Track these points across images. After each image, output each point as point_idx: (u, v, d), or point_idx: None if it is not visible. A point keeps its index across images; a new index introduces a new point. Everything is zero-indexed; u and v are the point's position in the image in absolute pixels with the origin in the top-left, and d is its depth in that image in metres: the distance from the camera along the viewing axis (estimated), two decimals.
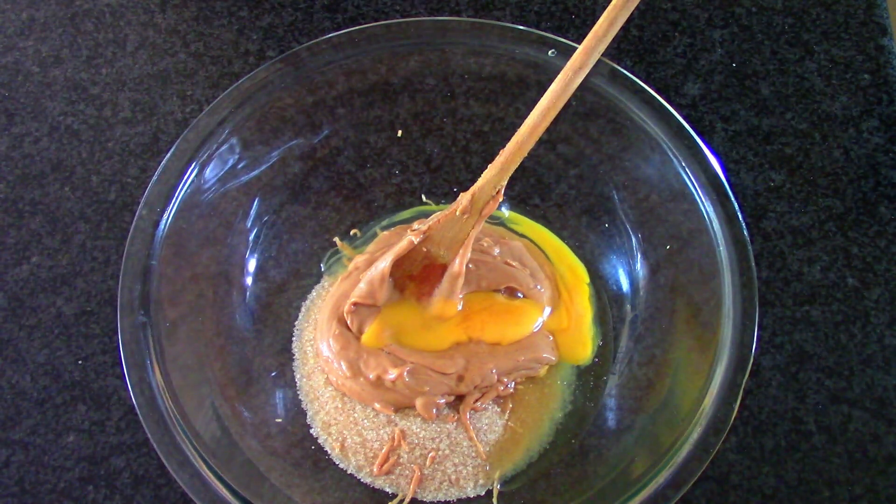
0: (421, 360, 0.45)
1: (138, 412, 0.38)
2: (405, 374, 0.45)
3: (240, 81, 0.46)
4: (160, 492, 0.46)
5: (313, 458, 0.45)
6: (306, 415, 0.46)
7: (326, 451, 0.45)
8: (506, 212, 0.53)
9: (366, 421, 0.45)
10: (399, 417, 0.45)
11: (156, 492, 0.46)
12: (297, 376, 0.48)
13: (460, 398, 0.46)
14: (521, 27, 0.46)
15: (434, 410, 0.45)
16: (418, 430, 0.45)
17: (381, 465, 0.44)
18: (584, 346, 0.48)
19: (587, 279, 0.51)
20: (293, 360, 0.48)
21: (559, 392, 0.47)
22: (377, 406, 0.45)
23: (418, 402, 0.45)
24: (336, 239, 0.52)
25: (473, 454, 0.44)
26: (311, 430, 0.46)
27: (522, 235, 0.52)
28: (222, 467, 0.38)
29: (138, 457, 0.47)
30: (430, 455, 0.44)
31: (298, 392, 0.47)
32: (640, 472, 0.36)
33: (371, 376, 0.45)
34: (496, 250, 0.50)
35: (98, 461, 0.47)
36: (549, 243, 0.52)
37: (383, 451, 0.44)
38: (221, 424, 0.42)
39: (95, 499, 0.46)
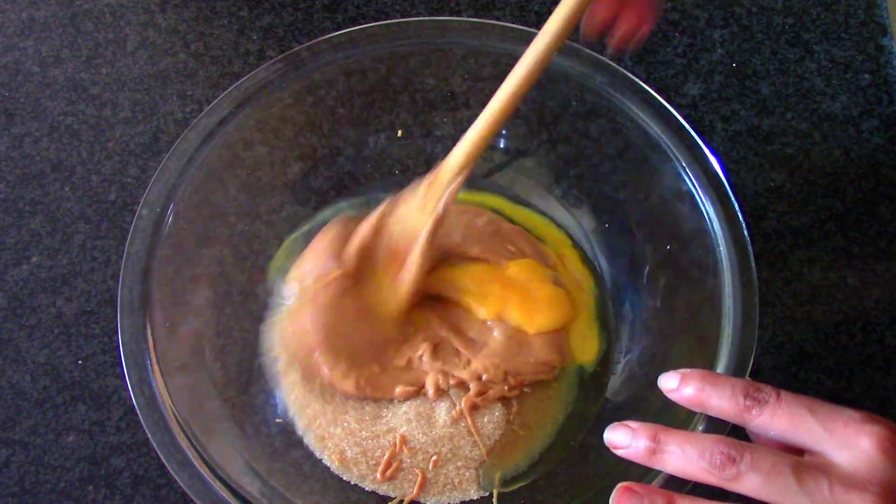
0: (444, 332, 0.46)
1: (138, 412, 0.38)
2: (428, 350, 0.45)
3: (240, 81, 0.46)
4: (160, 492, 0.46)
5: (313, 458, 0.45)
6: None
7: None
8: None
9: (363, 432, 0.44)
10: (402, 423, 0.45)
11: (156, 492, 0.46)
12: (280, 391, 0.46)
13: (464, 388, 0.46)
14: (521, 27, 0.46)
15: (433, 390, 0.45)
16: (420, 434, 0.44)
17: (384, 472, 0.43)
18: (591, 339, 0.48)
19: (569, 241, 0.51)
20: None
21: (562, 393, 0.47)
22: (397, 391, 0.45)
23: (428, 380, 0.45)
24: None
25: (476, 457, 0.44)
26: (307, 444, 0.45)
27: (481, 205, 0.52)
28: (222, 467, 0.38)
29: (138, 457, 0.47)
30: (432, 459, 0.44)
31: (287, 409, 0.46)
32: (640, 472, 0.36)
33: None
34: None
35: (98, 461, 0.47)
36: (514, 213, 0.52)
37: (385, 457, 0.44)
38: (222, 425, 0.42)
39: (95, 499, 0.46)
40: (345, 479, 0.44)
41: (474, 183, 0.52)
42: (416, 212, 0.45)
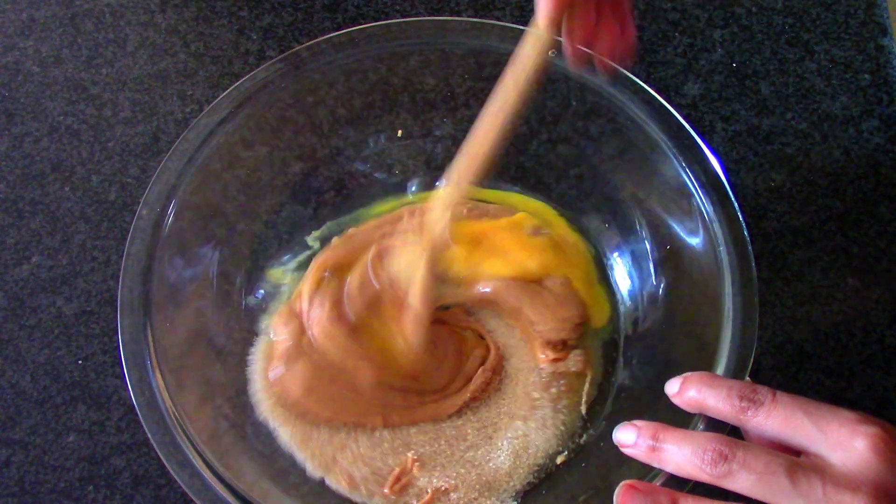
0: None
1: (138, 412, 0.38)
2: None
3: (240, 81, 0.46)
4: (160, 492, 0.46)
5: None
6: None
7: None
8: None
9: (372, 452, 0.43)
10: (422, 444, 0.44)
11: (156, 492, 0.46)
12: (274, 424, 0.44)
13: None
14: (521, 27, 0.46)
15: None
16: (440, 457, 0.43)
17: (393, 485, 0.42)
18: (601, 301, 0.48)
19: (554, 211, 0.51)
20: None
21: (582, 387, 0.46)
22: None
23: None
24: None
25: (488, 479, 0.43)
26: (309, 472, 0.43)
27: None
28: (222, 467, 0.38)
29: (138, 457, 0.47)
30: (449, 483, 0.42)
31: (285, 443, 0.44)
32: (641, 472, 0.36)
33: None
34: None
35: (98, 461, 0.47)
36: (491, 196, 0.52)
37: (395, 472, 0.42)
38: (221, 424, 0.42)
39: (95, 499, 0.46)
40: (355, 500, 0.42)
41: None
42: (410, 254, 0.45)
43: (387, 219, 0.50)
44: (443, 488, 0.42)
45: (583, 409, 0.45)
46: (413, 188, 0.52)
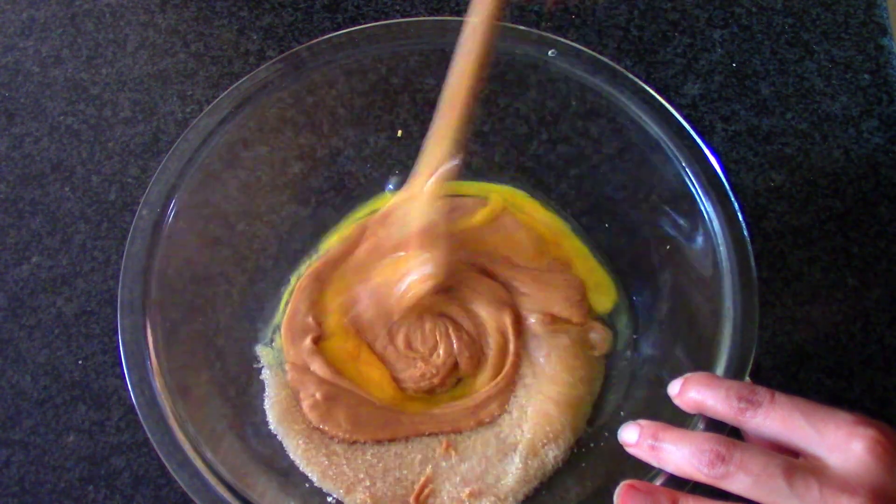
0: None
1: (138, 412, 0.38)
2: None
3: (240, 81, 0.46)
4: (160, 492, 0.46)
5: None
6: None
7: None
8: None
9: (396, 471, 0.43)
10: (432, 459, 0.43)
11: (156, 492, 0.46)
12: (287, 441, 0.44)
13: None
14: (521, 27, 0.46)
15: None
16: (456, 462, 0.43)
17: (418, 497, 0.41)
18: (604, 284, 0.49)
19: (526, 195, 0.52)
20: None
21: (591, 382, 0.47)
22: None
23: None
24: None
25: (502, 480, 0.42)
26: (325, 491, 0.43)
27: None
28: (222, 468, 0.38)
29: (138, 457, 0.47)
30: (468, 489, 0.42)
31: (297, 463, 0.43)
32: (641, 472, 0.36)
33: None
34: None
35: (98, 461, 0.47)
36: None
37: (420, 481, 0.42)
38: (222, 424, 0.42)
39: (95, 499, 0.46)
40: None
41: None
42: (408, 211, 0.45)
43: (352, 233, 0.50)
44: (467, 492, 0.42)
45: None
46: (391, 186, 0.52)
